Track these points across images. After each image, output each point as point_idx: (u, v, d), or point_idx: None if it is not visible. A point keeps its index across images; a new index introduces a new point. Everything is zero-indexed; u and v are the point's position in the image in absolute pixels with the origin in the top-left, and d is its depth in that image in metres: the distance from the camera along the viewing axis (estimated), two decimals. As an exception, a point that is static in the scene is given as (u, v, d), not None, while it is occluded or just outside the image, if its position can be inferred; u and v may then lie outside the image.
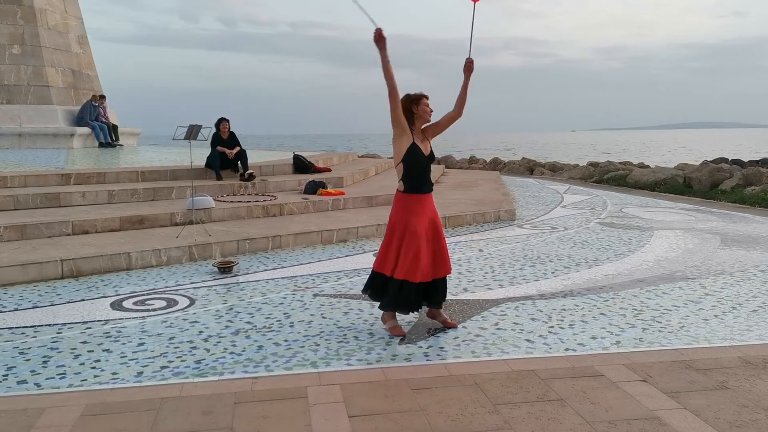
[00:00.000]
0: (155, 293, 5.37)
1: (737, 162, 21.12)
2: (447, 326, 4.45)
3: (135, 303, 5.08)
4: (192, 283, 5.71)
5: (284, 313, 4.80)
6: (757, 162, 22.01)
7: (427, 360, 3.88)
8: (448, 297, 5.25)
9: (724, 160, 22.18)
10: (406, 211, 4.21)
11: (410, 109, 4.17)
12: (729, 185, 13.52)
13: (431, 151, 4.29)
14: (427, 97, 4.24)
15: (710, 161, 20.61)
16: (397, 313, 4.38)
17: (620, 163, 21.83)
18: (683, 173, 15.17)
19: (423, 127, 4.29)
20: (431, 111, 4.22)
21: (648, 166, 19.92)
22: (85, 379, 3.56)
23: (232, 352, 3.98)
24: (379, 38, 3.97)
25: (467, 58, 4.28)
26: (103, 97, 16.08)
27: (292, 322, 4.58)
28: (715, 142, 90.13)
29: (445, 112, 4.34)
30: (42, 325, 4.51)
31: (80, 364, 3.78)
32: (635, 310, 4.95)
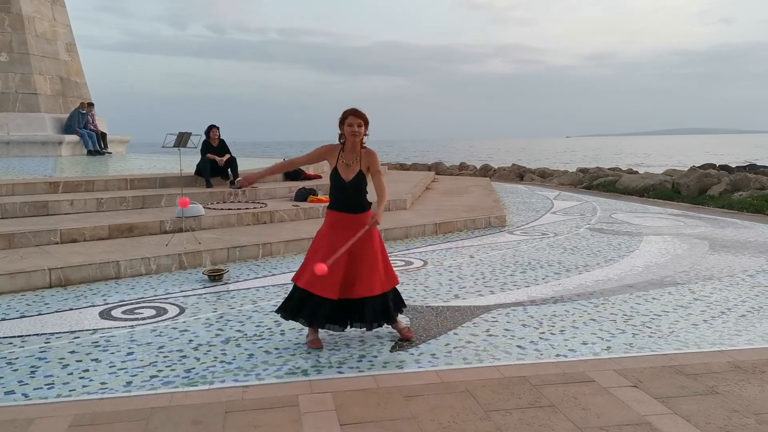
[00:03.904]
0: (144, 302, 5.33)
1: (725, 168, 21.30)
2: (402, 336, 4.32)
3: (124, 312, 5.04)
4: (182, 291, 5.68)
5: (275, 321, 4.77)
6: (744, 167, 22.21)
7: (419, 367, 3.87)
8: (440, 303, 5.25)
9: (711, 165, 22.36)
10: (326, 224, 4.20)
11: (341, 128, 4.08)
12: (717, 191, 13.62)
13: (359, 174, 4.08)
14: (354, 114, 4.02)
15: (698, 167, 20.78)
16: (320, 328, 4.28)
17: (609, 169, 21.96)
18: (671, 179, 15.28)
19: (364, 151, 4.12)
20: (356, 132, 4.01)
21: (637, 172, 20.06)
22: (74, 390, 3.53)
23: (222, 361, 3.96)
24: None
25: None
26: (91, 104, 16.03)
27: (283, 330, 4.56)
28: (705, 148, 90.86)
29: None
30: (30, 335, 4.46)
31: (69, 374, 3.74)
32: (625, 315, 4.97)
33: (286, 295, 4.30)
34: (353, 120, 4.02)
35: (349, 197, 4.13)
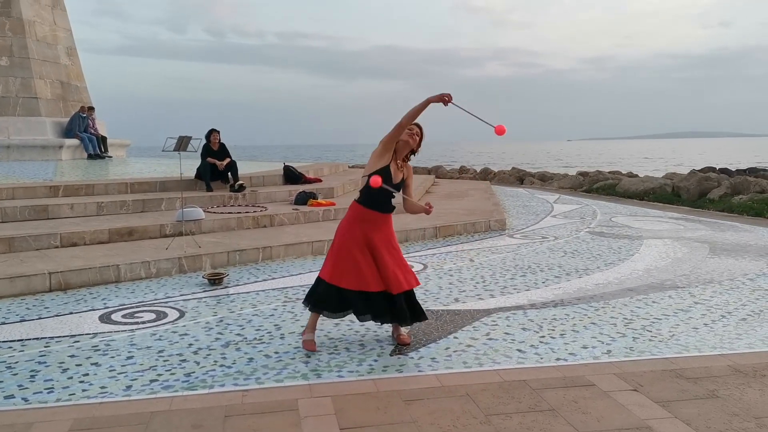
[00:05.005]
0: (144, 306, 5.33)
1: (725, 171, 21.32)
2: (399, 342, 4.34)
3: (124, 316, 5.03)
4: (182, 295, 5.68)
5: (275, 325, 4.77)
6: (744, 171, 22.23)
7: (419, 371, 3.86)
8: (440, 307, 5.25)
9: (711, 169, 22.38)
10: (351, 219, 4.23)
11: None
12: (717, 194, 13.63)
13: (402, 180, 4.23)
14: (416, 124, 4.16)
15: (698, 170, 20.79)
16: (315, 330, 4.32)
17: (609, 172, 21.97)
18: (672, 182, 15.28)
19: (407, 158, 4.24)
20: (414, 137, 4.14)
21: (637, 176, 20.07)
22: (74, 394, 3.52)
23: (222, 365, 3.96)
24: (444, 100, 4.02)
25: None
26: (92, 108, 16.02)
27: (283, 334, 4.56)
28: (704, 151, 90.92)
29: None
30: (29, 339, 4.46)
31: (68, 378, 3.74)
32: (626, 319, 4.96)
33: (320, 294, 4.22)
34: (414, 127, 4.16)
35: (388, 197, 4.19)
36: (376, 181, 3.95)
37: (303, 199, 9.84)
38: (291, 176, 11.61)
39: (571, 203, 13.66)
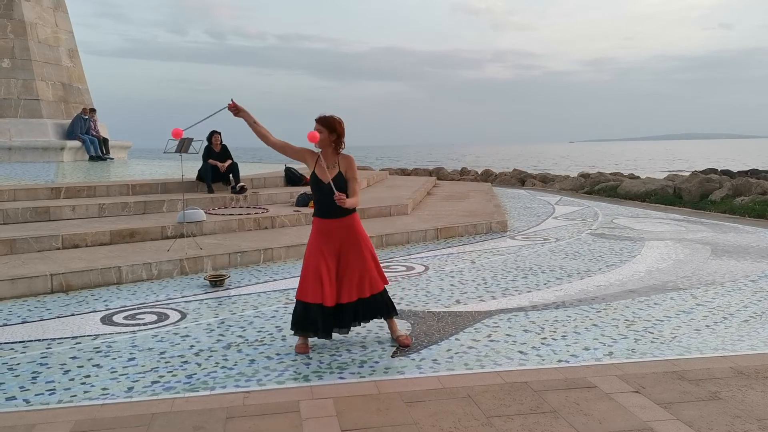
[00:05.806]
0: (146, 307, 5.33)
1: (726, 172, 21.30)
2: (399, 343, 4.34)
3: (125, 317, 5.04)
4: (183, 296, 5.68)
5: (276, 327, 4.77)
6: (746, 173, 22.20)
7: (420, 373, 3.86)
8: (441, 309, 5.24)
9: (713, 170, 22.36)
10: (313, 233, 4.28)
11: None
12: (719, 195, 13.62)
13: (337, 175, 4.16)
14: (316, 120, 4.16)
15: (700, 172, 20.77)
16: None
17: (611, 174, 21.96)
18: (673, 184, 15.28)
19: (336, 151, 4.23)
20: (313, 132, 4.14)
21: (638, 177, 20.06)
22: (75, 395, 3.52)
23: (223, 367, 3.96)
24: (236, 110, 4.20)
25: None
26: (93, 110, 16.05)
27: (284, 336, 4.55)
28: (705, 153, 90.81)
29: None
30: (31, 341, 4.46)
31: (70, 380, 3.74)
32: (627, 321, 4.96)
33: (293, 313, 4.28)
34: (316, 125, 4.18)
35: (329, 199, 4.15)
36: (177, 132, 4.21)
37: (304, 200, 9.85)
38: (292, 178, 11.62)
39: (573, 205, 13.66)
